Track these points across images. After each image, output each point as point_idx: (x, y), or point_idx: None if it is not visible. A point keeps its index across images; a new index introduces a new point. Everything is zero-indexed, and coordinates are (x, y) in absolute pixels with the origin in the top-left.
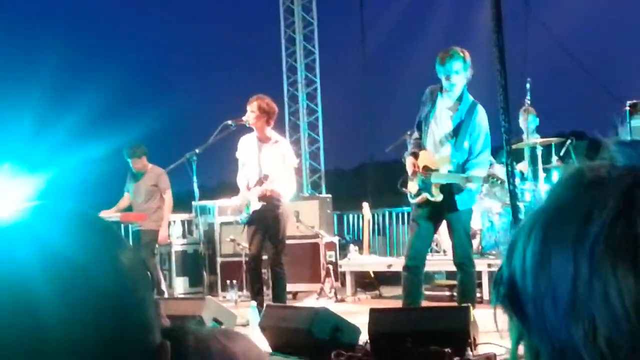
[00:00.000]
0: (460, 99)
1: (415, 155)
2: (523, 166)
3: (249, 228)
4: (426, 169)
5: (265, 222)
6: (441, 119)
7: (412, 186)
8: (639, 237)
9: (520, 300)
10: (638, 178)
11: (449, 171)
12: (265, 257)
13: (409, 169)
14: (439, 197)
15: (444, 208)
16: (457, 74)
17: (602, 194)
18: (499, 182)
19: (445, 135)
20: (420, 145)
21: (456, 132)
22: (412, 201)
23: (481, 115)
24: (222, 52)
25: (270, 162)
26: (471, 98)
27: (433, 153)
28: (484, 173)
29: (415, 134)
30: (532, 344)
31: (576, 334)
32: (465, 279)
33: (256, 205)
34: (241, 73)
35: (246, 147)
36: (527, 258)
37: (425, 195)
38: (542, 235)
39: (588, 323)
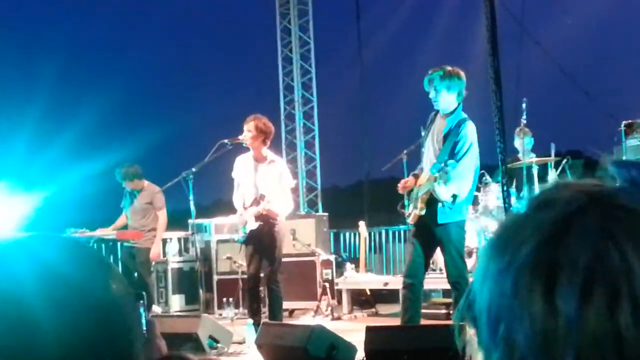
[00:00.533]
0: (451, 114)
1: (416, 177)
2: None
3: (247, 248)
4: (419, 187)
5: (262, 241)
6: (433, 137)
7: (409, 206)
8: (557, 266)
9: (473, 308)
10: (587, 203)
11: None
12: (262, 275)
13: (400, 185)
14: (422, 211)
15: (429, 223)
16: (435, 90)
17: (542, 219)
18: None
19: (435, 151)
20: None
21: (442, 144)
22: (408, 221)
23: (469, 128)
24: (219, 71)
25: (267, 182)
26: (464, 115)
27: (428, 169)
28: (461, 179)
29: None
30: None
31: (499, 349)
32: (460, 298)
33: (253, 225)
34: (238, 92)
35: (242, 167)
36: (478, 273)
37: (415, 212)
38: (489, 253)
39: (508, 341)
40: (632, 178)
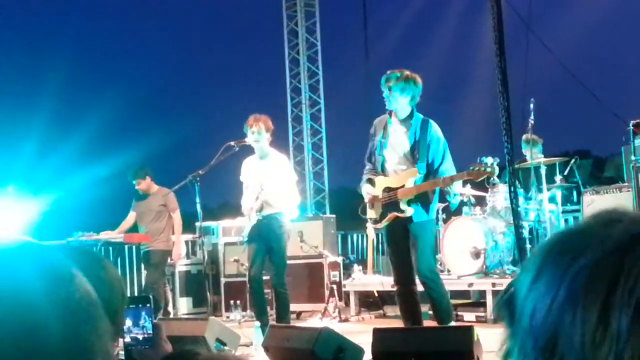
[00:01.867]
0: (410, 117)
1: (371, 182)
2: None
3: (249, 246)
4: (389, 189)
5: (267, 242)
6: (397, 141)
7: (374, 212)
8: (619, 277)
9: (514, 306)
10: None
11: (417, 182)
12: (266, 277)
13: (367, 197)
14: (409, 212)
15: (405, 223)
16: (391, 90)
17: (606, 234)
18: (485, 169)
19: (404, 154)
20: (375, 174)
21: (415, 148)
22: (375, 226)
23: (435, 128)
24: (226, 74)
25: (269, 178)
26: (421, 115)
27: (396, 173)
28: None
29: (368, 166)
30: (510, 346)
31: (539, 347)
32: (436, 296)
33: (254, 219)
34: (245, 95)
35: (249, 169)
36: (526, 276)
37: (393, 214)
38: (544, 256)
39: (551, 342)
40: None
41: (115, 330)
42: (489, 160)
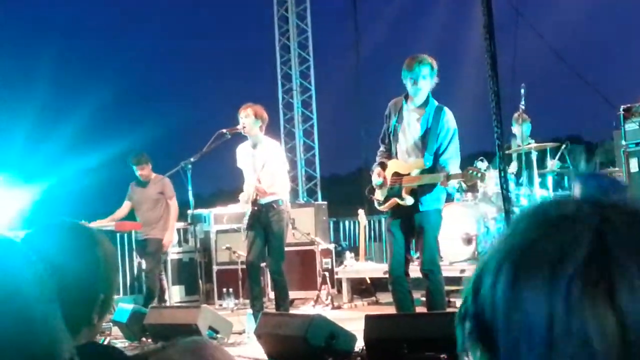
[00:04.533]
0: (425, 103)
1: (383, 166)
2: (512, 168)
3: (250, 233)
4: (397, 174)
5: (266, 229)
6: (409, 126)
7: (380, 193)
8: (614, 276)
9: (491, 336)
10: (605, 214)
11: (422, 173)
12: (263, 264)
13: (375, 180)
14: (409, 201)
15: (410, 210)
16: (424, 79)
17: (573, 233)
18: (477, 174)
19: (415, 141)
20: (388, 156)
21: (425, 136)
22: (380, 208)
23: (449, 117)
24: (217, 60)
25: (262, 164)
26: (437, 103)
27: (405, 159)
28: (457, 166)
29: (381, 148)
30: None
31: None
32: (433, 288)
33: (248, 210)
34: (236, 81)
35: (243, 156)
36: (497, 296)
37: (394, 200)
38: (513, 275)
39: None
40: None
41: (109, 303)
42: (482, 165)
